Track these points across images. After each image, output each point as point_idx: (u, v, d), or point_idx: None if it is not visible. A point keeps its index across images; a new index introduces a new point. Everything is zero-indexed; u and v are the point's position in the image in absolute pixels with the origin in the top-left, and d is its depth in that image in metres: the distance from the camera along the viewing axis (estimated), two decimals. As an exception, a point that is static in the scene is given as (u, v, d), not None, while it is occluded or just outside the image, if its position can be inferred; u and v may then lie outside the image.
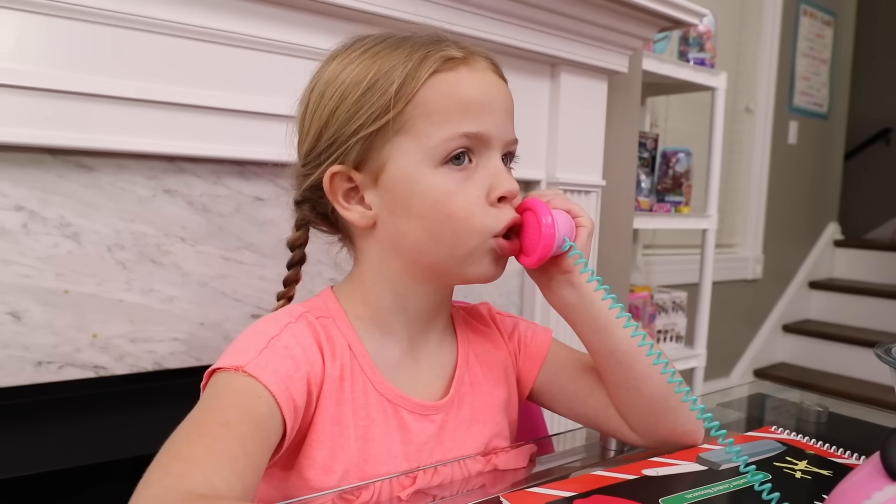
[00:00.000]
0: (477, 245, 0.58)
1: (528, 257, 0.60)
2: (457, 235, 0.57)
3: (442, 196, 0.56)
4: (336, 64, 0.60)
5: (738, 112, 3.01)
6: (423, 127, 0.56)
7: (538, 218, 0.58)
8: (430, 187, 0.57)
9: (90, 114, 0.79)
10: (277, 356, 0.54)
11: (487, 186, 0.58)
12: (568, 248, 0.60)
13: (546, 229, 0.58)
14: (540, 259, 0.59)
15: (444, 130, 0.56)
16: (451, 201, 0.56)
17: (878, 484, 0.37)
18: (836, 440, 0.67)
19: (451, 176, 0.57)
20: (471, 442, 0.64)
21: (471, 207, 0.57)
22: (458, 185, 0.57)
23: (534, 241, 0.59)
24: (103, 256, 0.83)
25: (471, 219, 0.57)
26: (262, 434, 0.50)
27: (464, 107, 0.57)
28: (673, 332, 2.17)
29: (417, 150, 0.56)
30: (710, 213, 2.12)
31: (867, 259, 3.60)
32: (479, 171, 0.58)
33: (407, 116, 0.56)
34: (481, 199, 0.57)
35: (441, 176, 0.57)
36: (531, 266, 0.61)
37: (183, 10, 0.84)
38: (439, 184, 0.57)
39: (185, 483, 0.43)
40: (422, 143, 0.56)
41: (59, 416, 0.86)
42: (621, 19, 1.27)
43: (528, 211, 0.60)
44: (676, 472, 0.59)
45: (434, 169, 0.57)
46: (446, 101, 0.56)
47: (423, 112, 0.56)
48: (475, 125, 0.57)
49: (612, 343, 0.63)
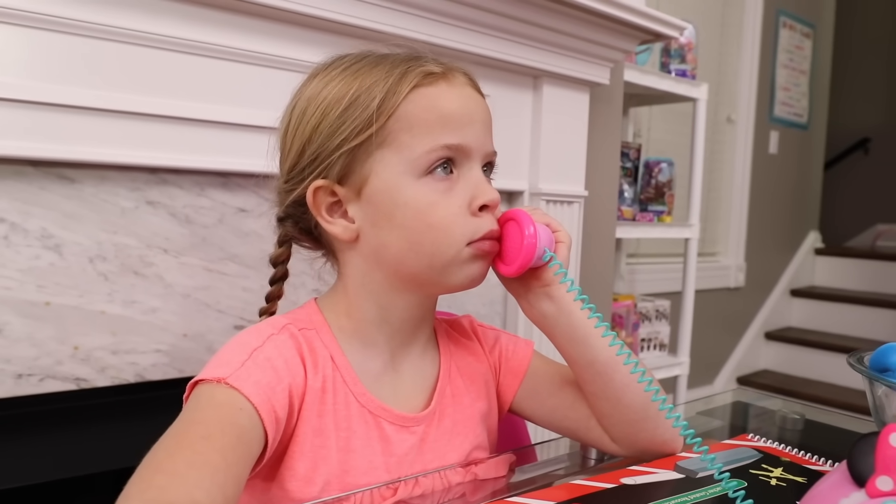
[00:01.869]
0: (456, 254, 0.58)
1: (509, 266, 0.60)
2: (436, 245, 0.58)
3: (424, 206, 0.57)
4: (317, 82, 0.61)
5: (719, 122, 3.05)
6: (405, 139, 0.57)
7: (521, 227, 0.59)
8: (412, 198, 0.58)
9: (72, 125, 0.79)
10: (259, 368, 0.54)
11: (469, 196, 0.59)
12: (548, 259, 0.61)
13: (528, 238, 0.58)
14: (520, 268, 0.60)
15: (426, 142, 0.57)
16: (433, 211, 0.57)
17: (845, 490, 0.38)
18: (811, 447, 0.69)
19: (434, 186, 0.58)
20: (451, 453, 0.65)
21: (452, 217, 0.58)
22: (440, 196, 0.58)
23: (515, 250, 0.60)
24: (85, 268, 0.83)
25: (452, 228, 0.58)
26: (244, 446, 0.50)
27: (444, 119, 0.58)
28: (656, 340, 2.19)
29: (400, 163, 0.58)
30: (692, 222, 2.15)
31: (847, 267, 3.65)
32: (461, 181, 0.59)
33: (389, 130, 0.57)
34: (463, 209, 0.58)
35: (423, 186, 0.58)
36: (511, 275, 0.61)
37: (166, 22, 0.84)
38: (422, 194, 0.58)
39: (165, 496, 0.43)
40: (404, 155, 0.57)
41: (40, 429, 0.85)
42: (602, 32, 1.29)
43: (510, 221, 0.61)
44: (654, 480, 0.60)
45: (416, 180, 0.58)
46: (427, 115, 0.58)
47: (405, 125, 0.57)
48: (456, 137, 0.58)
49: (590, 354, 0.64)
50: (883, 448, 0.37)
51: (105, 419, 0.90)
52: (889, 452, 0.37)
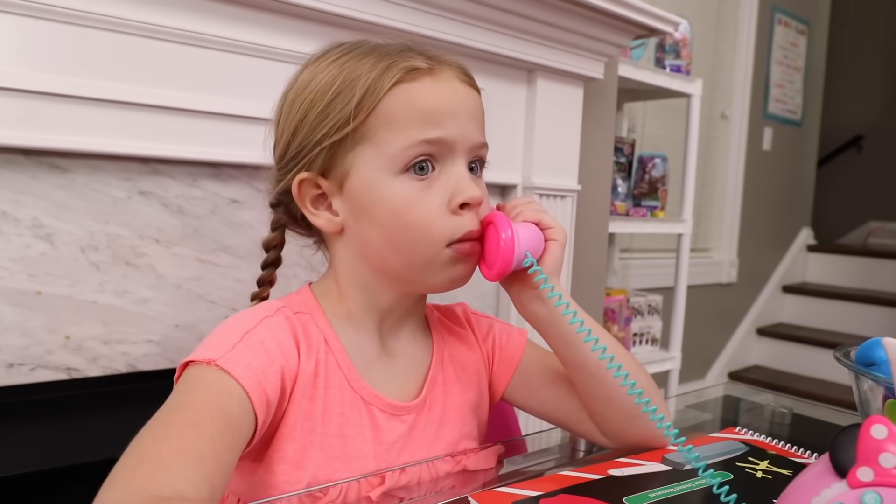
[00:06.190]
0: (435, 254, 0.58)
1: (489, 271, 0.60)
2: (415, 244, 0.58)
3: (401, 205, 0.57)
4: (307, 72, 0.61)
5: (713, 118, 3.06)
6: (383, 136, 0.57)
7: (497, 232, 0.58)
8: (390, 195, 0.57)
9: (64, 115, 0.79)
10: (251, 350, 0.54)
11: (449, 194, 0.58)
12: (529, 265, 0.59)
13: (505, 244, 0.57)
14: (500, 274, 0.59)
15: (404, 138, 0.57)
16: (410, 210, 0.57)
17: (827, 481, 0.39)
18: (797, 440, 0.69)
19: (411, 184, 0.57)
20: (439, 443, 0.65)
21: (430, 216, 0.57)
22: (417, 194, 0.57)
23: (493, 255, 0.58)
24: (77, 258, 0.83)
25: (430, 228, 0.57)
26: (233, 433, 0.50)
27: (423, 115, 0.57)
28: (649, 335, 2.20)
29: (378, 159, 0.57)
30: (685, 217, 2.15)
31: (839, 264, 3.67)
32: (442, 178, 0.58)
33: (368, 126, 0.57)
34: (441, 207, 0.58)
35: (401, 184, 0.57)
36: (492, 280, 0.60)
37: (160, 12, 0.84)
38: (399, 192, 0.57)
39: (149, 485, 0.43)
40: (382, 151, 0.57)
41: (31, 418, 0.85)
42: (597, 27, 1.29)
43: (490, 224, 0.59)
44: (642, 472, 0.60)
45: (394, 177, 0.57)
46: (406, 111, 0.57)
47: (384, 121, 0.57)
48: (436, 132, 0.57)
49: (582, 356, 0.64)
50: (864, 439, 0.37)
51: (96, 409, 0.90)
52: (870, 444, 0.37)
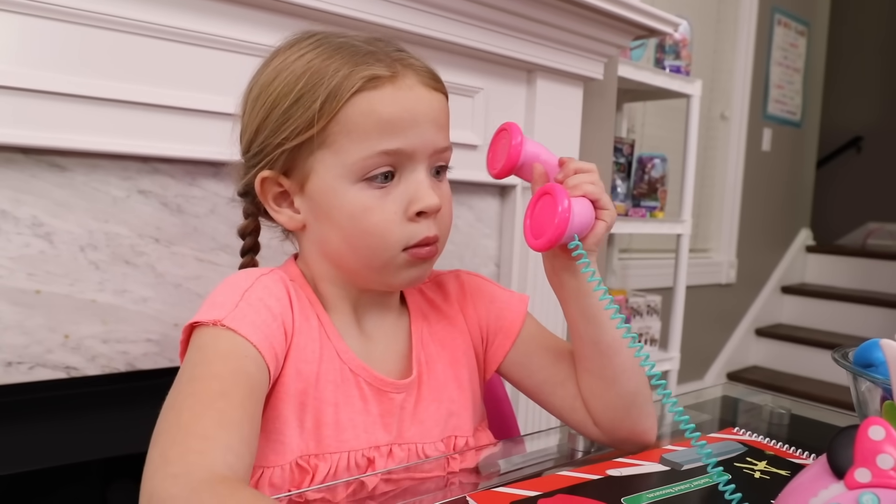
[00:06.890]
0: (391, 258, 0.60)
1: (536, 240, 0.59)
2: (371, 249, 0.59)
3: (358, 212, 0.58)
4: (273, 67, 0.61)
5: (713, 119, 3.06)
6: (343, 144, 0.58)
7: (554, 204, 0.57)
8: (347, 202, 0.58)
9: (63, 113, 0.79)
10: (253, 308, 0.56)
11: (407, 201, 0.59)
12: (574, 247, 0.59)
13: (560, 219, 0.56)
14: (547, 245, 0.58)
15: (363, 149, 0.57)
16: (367, 217, 0.58)
17: (824, 482, 0.39)
18: (796, 441, 0.69)
19: (370, 192, 0.58)
20: (428, 421, 0.65)
21: (386, 224, 0.58)
22: (375, 201, 0.58)
23: (544, 227, 0.58)
24: (76, 256, 0.83)
25: (386, 234, 0.58)
26: (255, 392, 0.52)
27: (382, 125, 0.57)
28: (647, 335, 2.20)
29: (337, 166, 0.58)
30: (684, 218, 2.15)
31: (838, 265, 3.67)
32: (401, 186, 0.59)
33: (329, 133, 0.58)
34: (398, 215, 0.59)
35: (358, 192, 0.58)
36: (538, 250, 0.60)
37: (159, 10, 0.84)
38: (356, 200, 0.58)
39: (206, 461, 0.44)
40: (341, 159, 0.58)
41: (30, 417, 0.85)
42: (597, 27, 1.29)
43: (546, 195, 0.59)
44: (640, 472, 0.60)
45: (352, 185, 0.58)
46: (365, 120, 0.57)
47: (344, 129, 0.57)
48: (395, 142, 0.58)
49: (597, 333, 0.65)
50: (862, 441, 0.37)
51: (95, 408, 0.90)
52: (868, 445, 0.37)
